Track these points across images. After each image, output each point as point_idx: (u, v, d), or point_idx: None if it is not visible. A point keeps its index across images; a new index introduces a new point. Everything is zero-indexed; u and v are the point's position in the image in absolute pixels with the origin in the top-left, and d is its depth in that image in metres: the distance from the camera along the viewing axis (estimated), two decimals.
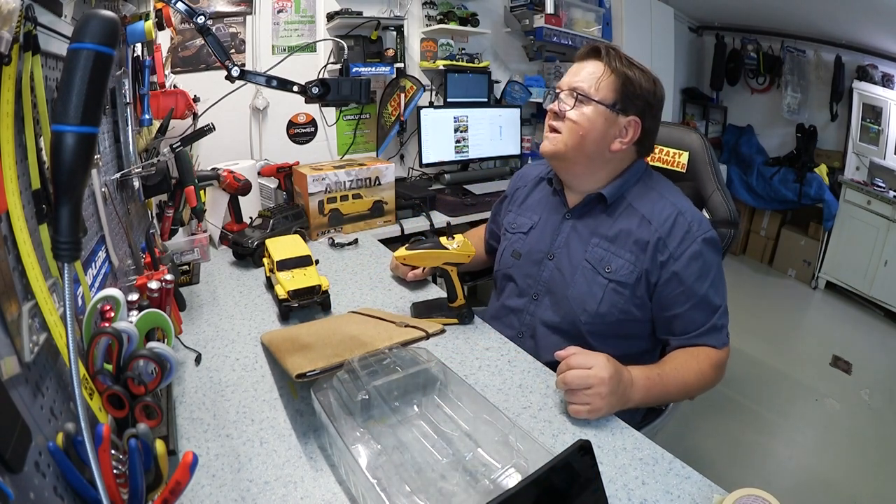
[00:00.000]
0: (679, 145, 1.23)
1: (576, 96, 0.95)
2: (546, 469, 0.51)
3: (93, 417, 0.53)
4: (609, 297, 0.95)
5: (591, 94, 0.94)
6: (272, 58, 2.00)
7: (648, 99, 0.95)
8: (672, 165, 1.24)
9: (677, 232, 0.92)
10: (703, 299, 0.91)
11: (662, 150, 1.25)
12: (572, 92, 0.95)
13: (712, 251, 0.93)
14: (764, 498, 0.59)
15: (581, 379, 0.76)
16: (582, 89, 0.94)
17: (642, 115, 0.95)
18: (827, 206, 3.33)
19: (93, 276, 0.72)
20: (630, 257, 0.94)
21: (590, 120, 0.94)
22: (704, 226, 0.93)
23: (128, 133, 1.02)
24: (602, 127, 0.94)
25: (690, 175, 1.21)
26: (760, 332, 2.82)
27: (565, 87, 0.97)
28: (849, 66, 3.37)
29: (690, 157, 1.21)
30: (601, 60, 0.95)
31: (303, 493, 0.65)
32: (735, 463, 1.85)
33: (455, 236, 1.10)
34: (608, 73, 0.94)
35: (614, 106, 0.93)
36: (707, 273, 0.91)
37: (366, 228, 1.76)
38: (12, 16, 0.43)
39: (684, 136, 1.23)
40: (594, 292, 0.95)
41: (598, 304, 0.95)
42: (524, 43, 2.72)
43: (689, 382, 0.87)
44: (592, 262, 0.97)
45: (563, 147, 0.97)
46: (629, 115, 0.94)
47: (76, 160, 0.44)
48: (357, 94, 1.09)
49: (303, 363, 0.75)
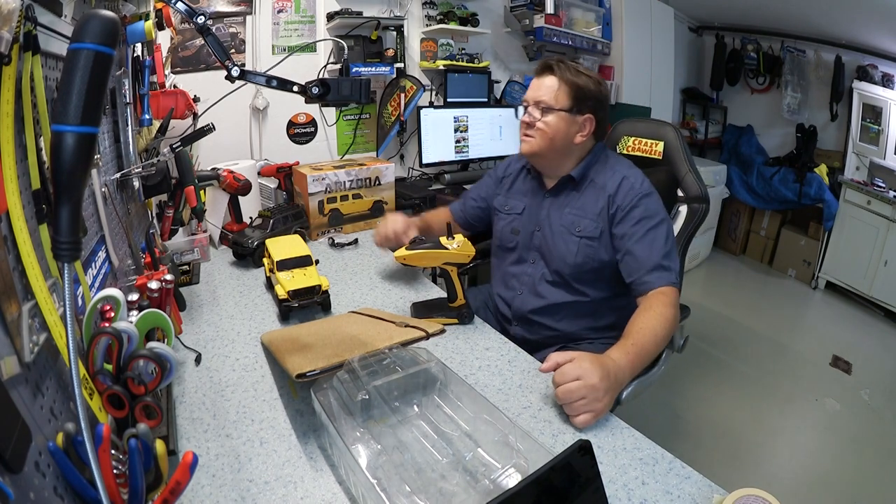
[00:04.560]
0: (655, 136, 1.48)
1: (541, 108, 1.18)
2: (546, 469, 0.51)
3: (93, 417, 0.53)
4: (582, 250, 1.18)
5: (552, 105, 1.17)
6: (272, 58, 2.00)
7: (597, 98, 1.19)
8: (650, 154, 1.49)
9: (623, 190, 1.16)
10: (646, 237, 1.11)
11: (641, 142, 1.50)
12: (538, 105, 1.19)
13: (652, 202, 1.15)
14: (764, 498, 0.59)
15: (574, 393, 0.78)
16: (545, 102, 1.18)
17: (594, 111, 1.19)
18: (827, 206, 3.33)
19: (93, 276, 0.72)
20: (593, 217, 1.18)
21: (555, 125, 1.18)
22: (646, 185, 1.17)
23: (128, 133, 1.02)
24: (565, 128, 1.18)
25: (666, 161, 1.45)
26: (760, 332, 2.82)
27: (532, 101, 1.21)
28: (849, 66, 3.37)
29: (665, 146, 1.46)
30: (555, 75, 1.18)
31: (303, 493, 0.65)
32: (735, 463, 1.85)
33: (455, 236, 1.11)
34: (562, 85, 1.17)
35: (571, 110, 1.17)
36: (648, 217, 1.12)
37: (366, 228, 1.76)
38: (12, 16, 0.43)
39: (659, 129, 1.48)
40: (570, 248, 1.19)
41: (575, 257, 1.18)
42: (524, 43, 2.72)
43: (658, 330, 0.98)
44: (567, 226, 1.21)
45: (537, 148, 1.20)
46: (584, 114, 1.18)
47: (76, 160, 0.44)
48: (357, 94, 1.09)
49: (303, 363, 0.75)
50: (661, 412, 2.12)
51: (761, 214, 3.86)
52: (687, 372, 2.42)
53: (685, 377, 2.39)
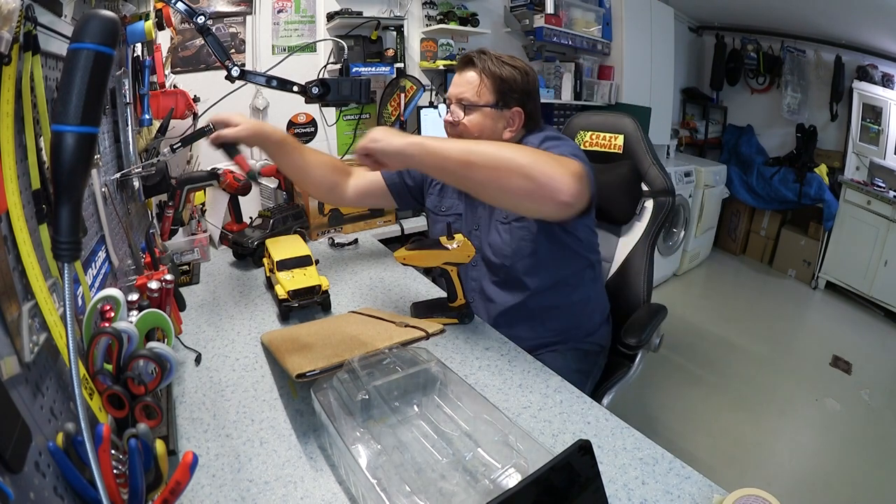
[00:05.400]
0: (613, 129, 1.41)
1: (463, 106, 1.10)
2: (546, 469, 0.51)
3: (93, 417, 0.53)
4: (515, 233, 1.12)
5: (475, 101, 1.08)
6: (272, 58, 2.00)
7: (524, 89, 1.10)
8: (609, 148, 1.41)
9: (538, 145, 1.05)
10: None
11: (599, 136, 1.43)
12: (459, 102, 1.10)
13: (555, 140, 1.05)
14: (764, 498, 0.59)
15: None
16: (467, 99, 1.09)
17: (522, 104, 1.10)
18: (827, 206, 3.33)
19: (93, 276, 0.72)
20: None
21: (479, 122, 1.09)
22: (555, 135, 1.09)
23: (128, 133, 1.02)
24: (491, 124, 1.10)
25: (627, 154, 1.39)
26: (760, 332, 2.82)
27: (453, 99, 1.12)
28: (849, 66, 3.37)
29: (625, 139, 1.39)
30: (476, 68, 1.09)
31: (303, 493, 0.65)
32: (735, 463, 1.85)
33: (455, 236, 1.11)
34: (484, 79, 1.08)
35: (497, 105, 1.09)
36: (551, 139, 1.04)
37: (366, 228, 1.76)
38: (12, 16, 0.43)
39: (617, 121, 1.41)
40: (504, 237, 1.14)
41: (510, 244, 1.13)
42: (524, 43, 2.72)
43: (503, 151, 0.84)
44: (497, 217, 1.16)
45: None
46: (511, 108, 1.10)
47: (76, 160, 0.44)
48: (357, 94, 1.09)
49: (303, 363, 0.75)
50: (661, 412, 2.12)
51: (761, 214, 3.86)
52: (686, 372, 2.42)
53: (685, 377, 2.39)
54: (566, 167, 0.82)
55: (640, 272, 1.38)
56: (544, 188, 0.80)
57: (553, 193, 0.80)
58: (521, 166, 0.80)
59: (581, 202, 0.84)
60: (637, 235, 1.40)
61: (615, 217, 1.44)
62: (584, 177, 0.84)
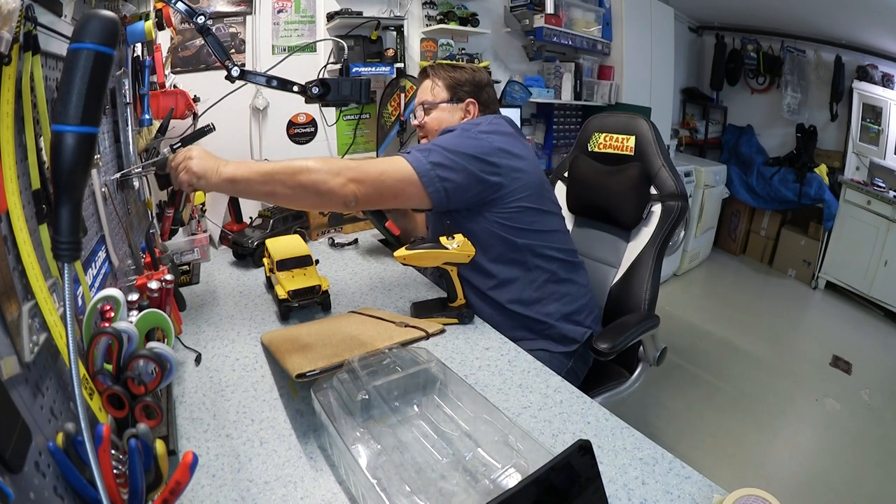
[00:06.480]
0: (626, 131, 1.39)
1: (424, 108, 1.29)
2: (546, 469, 0.51)
3: (93, 417, 0.53)
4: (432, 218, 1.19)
5: (433, 100, 1.27)
6: (272, 58, 1.99)
7: (472, 82, 1.27)
8: (621, 150, 1.40)
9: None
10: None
11: (612, 137, 1.42)
12: (421, 106, 1.30)
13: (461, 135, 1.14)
14: (764, 498, 0.59)
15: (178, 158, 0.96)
16: (426, 101, 1.29)
17: (475, 94, 1.27)
18: (827, 206, 3.33)
19: (93, 276, 0.72)
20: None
21: (439, 117, 1.27)
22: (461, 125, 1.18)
23: (128, 133, 1.02)
24: (448, 116, 1.27)
25: (638, 156, 1.37)
26: (760, 332, 2.82)
27: (417, 105, 1.31)
28: (849, 66, 3.37)
29: (637, 141, 1.36)
30: (429, 77, 1.29)
31: (303, 493, 0.65)
32: (735, 463, 1.85)
33: (455, 236, 1.11)
34: (437, 81, 1.28)
35: (451, 100, 1.26)
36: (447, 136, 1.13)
37: (366, 228, 1.76)
38: (12, 16, 0.43)
39: (631, 122, 1.39)
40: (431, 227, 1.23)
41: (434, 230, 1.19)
42: (524, 43, 2.72)
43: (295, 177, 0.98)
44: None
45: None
46: (465, 100, 1.26)
47: (76, 160, 0.44)
48: (357, 94, 1.09)
49: (303, 363, 0.75)
50: (661, 412, 2.12)
51: (761, 214, 3.86)
52: (686, 372, 2.42)
53: (685, 377, 2.39)
54: (343, 175, 1.00)
55: (644, 279, 1.32)
56: (324, 196, 1.01)
57: (333, 198, 1.01)
58: (306, 184, 0.99)
59: (362, 198, 1.03)
60: (644, 241, 1.35)
61: (621, 221, 1.39)
62: (368, 180, 1.03)
